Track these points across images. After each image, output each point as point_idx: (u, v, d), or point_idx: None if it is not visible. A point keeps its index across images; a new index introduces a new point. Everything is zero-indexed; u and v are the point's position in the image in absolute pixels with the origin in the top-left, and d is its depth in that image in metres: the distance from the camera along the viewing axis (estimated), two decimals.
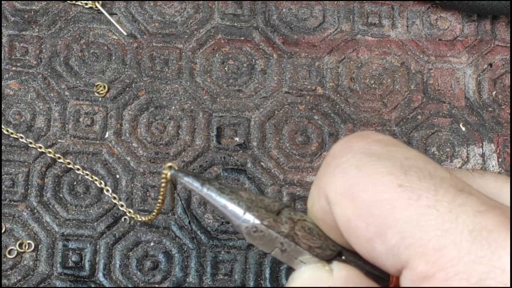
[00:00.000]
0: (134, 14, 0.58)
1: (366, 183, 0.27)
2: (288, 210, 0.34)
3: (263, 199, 0.34)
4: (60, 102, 0.55)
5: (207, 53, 0.57)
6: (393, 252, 0.26)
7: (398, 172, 0.26)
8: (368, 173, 0.27)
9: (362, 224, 0.27)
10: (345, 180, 0.27)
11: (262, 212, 0.33)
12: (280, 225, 0.33)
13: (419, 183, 0.26)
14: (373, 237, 0.26)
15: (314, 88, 0.57)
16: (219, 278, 0.51)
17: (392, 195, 0.26)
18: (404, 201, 0.25)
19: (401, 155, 0.27)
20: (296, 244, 0.32)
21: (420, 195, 0.25)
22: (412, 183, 0.26)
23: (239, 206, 0.34)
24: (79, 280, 0.51)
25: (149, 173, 0.54)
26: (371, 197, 0.26)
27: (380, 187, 0.26)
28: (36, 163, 0.53)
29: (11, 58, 0.56)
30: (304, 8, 0.59)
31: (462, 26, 0.59)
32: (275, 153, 0.54)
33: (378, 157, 0.27)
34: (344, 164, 0.28)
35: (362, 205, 0.27)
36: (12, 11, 0.57)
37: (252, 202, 0.34)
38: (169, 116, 0.55)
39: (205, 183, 0.35)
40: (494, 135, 0.56)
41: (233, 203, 0.34)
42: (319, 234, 0.32)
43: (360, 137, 0.29)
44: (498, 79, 0.57)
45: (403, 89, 0.57)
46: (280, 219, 0.33)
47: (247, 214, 0.33)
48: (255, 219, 0.33)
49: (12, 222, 0.52)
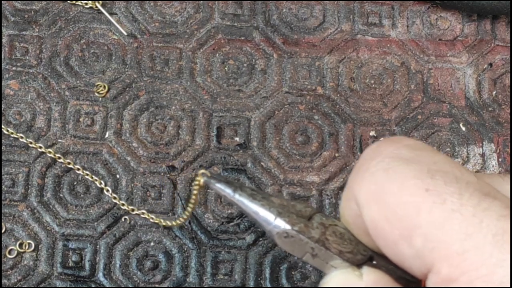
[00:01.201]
0: (134, 14, 0.58)
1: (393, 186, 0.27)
2: (320, 215, 0.34)
3: (295, 204, 0.35)
4: (60, 102, 0.55)
5: (207, 53, 0.57)
6: (418, 255, 0.26)
7: (424, 176, 0.27)
8: (395, 176, 0.27)
9: (388, 226, 0.27)
10: (373, 184, 0.28)
11: (293, 217, 0.34)
12: (311, 230, 0.33)
13: (445, 187, 0.26)
14: (399, 240, 0.27)
15: (314, 88, 0.57)
16: (219, 278, 0.51)
17: (418, 199, 0.26)
18: (429, 204, 0.26)
19: (428, 159, 0.28)
20: (326, 249, 0.32)
21: (445, 199, 0.26)
22: (438, 187, 0.26)
23: (270, 212, 0.34)
24: (79, 280, 0.51)
25: (149, 173, 0.54)
26: (398, 200, 0.27)
27: (406, 190, 0.27)
28: (36, 163, 0.53)
29: (11, 58, 0.56)
30: (304, 8, 0.59)
31: (462, 26, 0.59)
32: (275, 153, 0.54)
33: (406, 161, 0.28)
34: (373, 168, 0.29)
35: (389, 208, 0.27)
36: (12, 11, 0.57)
37: (284, 208, 0.34)
38: (169, 116, 0.55)
39: (236, 189, 0.36)
40: (494, 135, 0.56)
41: (265, 209, 0.34)
42: (351, 239, 0.33)
43: (390, 142, 0.30)
44: (498, 79, 0.57)
45: (403, 89, 0.57)
46: (311, 224, 0.33)
47: (278, 220, 0.34)
48: (286, 224, 0.33)
49: (12, 222, 0.52)
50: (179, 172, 0.54)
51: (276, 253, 0.52)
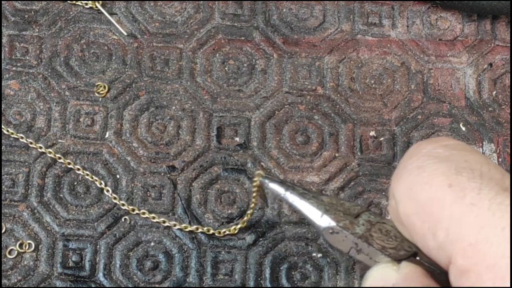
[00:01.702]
0: (134, 14, 0.58)
1: (423, 183, 0.29)
2: (368, 213, 0.37)
3: (344, 203, 0.38)
4: (61, 102, 0.55)
5: (208, 53, 0.57)
6: (441, 248, 0.28)
7: (451, 173, 0.28)
8: (426, 174, 0.29)
9: (418, 221, 0.29)
10: (408, 181, 0.30)
11: (340, 214, 0.37)
12: (356, 226, 0.36)
13: (467, 183, 0.28)
14: (426, 233, 0.29)
15: (315, 88, 0.57)
16: (219, 278, 0.51)
17: (442, 194, 0.28)
18: (451, 199, 0.28)
19: (460, 158, 0.30)
20: (369, 245, 0.35)
21: (465, 194, 0.27)
22: (462, 183, 0.28)
23: (318, 209, 0.37)
24: (79, 280, 0.51)
25: (149, 173, 0.54)
26: (426, 196, 0.29)
27: (434, 186, 0.29)
28: (36, 163, 0.53)
29: (11, 58, 0.56)
30: (305, 8, 0.59)
31: (462, 26, 0.59)
32: (275, 153, 0.54)
33: (439, 159, 0.30)
34: (409, 166, 0.31)
35: (419, 203, 0.29)
36: (12, 11, 0.57)
37: (332, 206, 0.37)
38: (169, 116, 0.55)
39: (288, 188, 0.40)
40: (494, 135, 0.56)
41: (313, 206, 0.37)
42: (396, 236, 0.34)
43: (430, 142, 0.32)
44: (498, 79, 0.57)
45: (403, 89, 0.57)
46: (357, 222, 0.36)
47: (324, 216, 0.37)
48: (332, 221, 0.36)
49: (12, 222, 0.52)
50: (180, 172, 0.54)
51: (276, 253, 0.52)
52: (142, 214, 0.52)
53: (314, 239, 0.52)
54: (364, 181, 0.54)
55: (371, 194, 0.53)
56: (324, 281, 0.51)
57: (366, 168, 0.54)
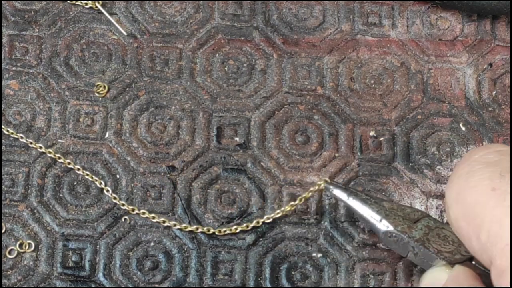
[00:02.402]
0: (134, 14, 0.58)
1: (470, 187, 0.30)
2: (428, 219, 0.39)
3: (404, 208, 0.40)
4: (60, 102, 0.55)
5: (207, 53, 0.57)
6: (484, 250, 0.29)
7: (495, 177, 0.29)
8: (473, 178, 0.30)
9: (465, 224, 0.30)
10: (457, 185, 0.31)
11: (399, 219, 0.39)
12: (414, 231, 0.37)
13: (508, 186, 0.29)
14: (472, 236, 0.30)
15: (314, 88, 0.57)
16: (219, 278, 0.51)
17: (486, 198, 0.29)
18: (494, 202, 0.29)
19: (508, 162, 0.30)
20: (425, 248, 0.36)
21: (506, 197, 0.28)
22: (504, 186, 0.29)
23: (378, 214, 0.40)
24: (79, 280, 0.51)
25: (149, 173, 0.54)
26: (472, 200, 0.30)
27: (479, 190, 0.30)
28: (36, 163, 0.53)
29: (11, 58, 0.56)
30: (304, 8, 0.59)
31: (462, 26, 0.59)
32: (275, 153, 0.54)
33: (488, 164, 0.31)
34: (460, 171, 0.32)
35: (467, 207, 0.30)
36: (12, 11, 0.58)
37: (392, 211, 0.40)
38: (169, 116, 0.55)
39: (351, 194, 0.43)
40: (494, 135, 0.56)
41: (373, 211, 0.40)
42: (454, 241, 0.36)
43: (483, 148, 0.33)
44: (498, 79, 0.57)
45: (403, 89, 0.57)
46: (415, 226, 0.38)
47: (383, 221, 0.39)
48: (390, 225, 0.38)
49: (12, 222, 0.52)
50: (179, 172, 0.54)
51: (276, 253, 0.52)
52: (142, 214, 0.52)
53: (314, 239, 0.52)
54: (364, 181, 0.54)
55: (371, 194, 0.53)
56: (324, 281, 0.51)
57: (366, 168, 0.54)
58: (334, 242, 0.52)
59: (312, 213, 0.52)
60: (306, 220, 0.52)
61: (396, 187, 0.53)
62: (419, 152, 0.55)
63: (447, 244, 0.37)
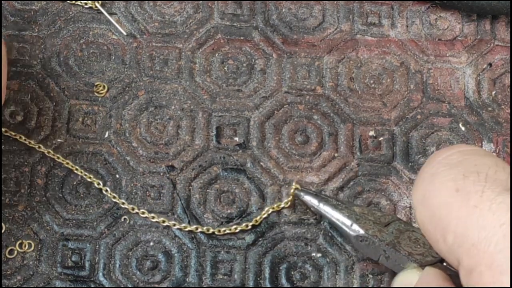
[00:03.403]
0: (133, 14, 0.58)
1: (434, 190, 0.30)
2: (399, 222, 0.39)
3: (375, 212, 0.41)
4: (60, 102, 0.55)
5: (207, 53, 0.57)
6: (452, 251, 0.29)
7: (459, 178, 0.29)
8: (437, 180, 0.30)
9: (431, 226, 0.30)
10: (422, 188, 0.31)
11: (369, 223, 0.39)
12: (384, 234, 0.38)
13: (472, 186, 0.29)
14: (439, 238, 0.30)
15: (314, 88, 0.57)
16: (218, 278, 0.52)
17: (450, 199, 0.29)
18: (458, 203, 0.29)
19: (470, 162, 0.30)
20: (396, 251, 0.37)
21: (470, 197, 0.28)
22: (467, 187, 0.29)
23: (348, 219, 0.40)
24: (79, 280, 0.51)
25: (148, 173, 0.54)
26: (437, 202, 0.30)
27: (443, 192, 0.30)
28: (36, 163, 0.53)
29: (10, 58, 0.56)
30: (304, 8, 0.59)
31: (461, 26, 0.59)
32: (274, 153, 0.54)
33: (451, 165, 0.30)
34: (424, 174, 0.32)
35: (432, 210, 0.30)
36: (12, 11, 0.58)
37: (363, 215, 0.40)
38: (168, 116, 0.55)
39: (321, 200, 0.44)
40: (493, 134, 0.56)
41: (344, 216, 0.41)
42: (424, 243, 0.36)
43: (446, 149, 0.33)
44: (497, 79, 0.57)
45: (402, 88, 0.57)
46: (386, 230, 0.38)
47: (354, 225, 0.40)
48: (360, 229, 0.39)
49: (12, 222, 0.52)
50: (179, 172, 0.54)
51: (275, 253, 0.52)
52: (142, 214, 0.52)
53: (313, 239, 0.52)
54: (364, 181, 0.54)
55: (370, 194, 0.53)
56: (324, 281, 0.51)
57: (365, 168, 0.54)
58: (333, 242, 0.52)
59: (312, 213, 0.52)
60: (305, 220, 0.52)
61: (395, 187, 0.54)
62: (418, 152, 0.55)
63: (418, 246, 0.37)
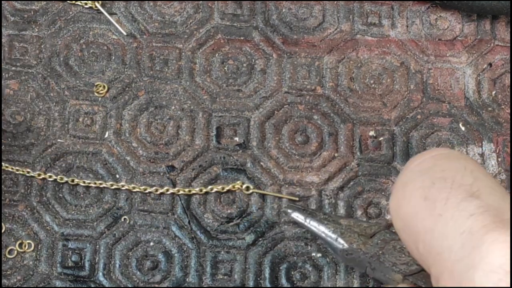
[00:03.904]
0: (133, 14, 0.58)
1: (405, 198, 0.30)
2: (384, 232, 0.39)
3: (361, 224, 0.41)
4: (60, 102, 0.55)
5: (207, 53, 0.57)
6: (423, 260, 0.29)
7: (427, 185, 0.29)
8: (408, 189, 0.30)
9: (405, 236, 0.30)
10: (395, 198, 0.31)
11: (354, 236, 0.40)
12: (369, 246, 0.38)
13: (438, 194, 0.28)
14: (412, 247, 0.30)
15: (314, 88, 0.57)
16: (218, 278, 0.51)
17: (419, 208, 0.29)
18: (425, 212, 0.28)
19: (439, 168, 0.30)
20: (380, 263, 0.37)
21: (436, 205, 0.28)
22: (434, 194, 0.28)
23: (333, 233, 0.40)
24: (79, 280, 0.51)
25: (148, 173, 0.54)
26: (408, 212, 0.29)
27: (413, 201, 0.29)
28: (36, 163, 0.53)
29: (10, 58, 0.56)
30: (304, 8, 0.59)
31: (461, 26, 0.59)
32: (274, 153, 0.54)
33: (421, 172, 0.30)
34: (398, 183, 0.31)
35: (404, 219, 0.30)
36: (12, 11, 0.58)
37: (348, 228, 0.40)
38: (168, 116, 0.55)
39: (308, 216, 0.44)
40: (493, 134, 0.56)
41: (330, 231, 0.41)
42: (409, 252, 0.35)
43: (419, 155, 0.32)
44: (497, 79, 0.57)
45: (402, 88, 0.57)
46: (371, 241, 0.39)
47: (339, 239, 0.40)
48: (345, 243, 0.39)
49: (12, 222, 0.52)
50: (179, 172, 0.54)
51: (275, 253, 0.52)
52: (144, 190, 0.52)
53: (313, 239, 0.52)
54: (364, 181, 0.54)
55: (370, 194, 0.53)
56: (324, 281, 0.51)
57: (365, 168, 0.54)
58: None
59: None
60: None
61: None
62: (418, 152, 0.55)
63: (402, 256, 0.37)
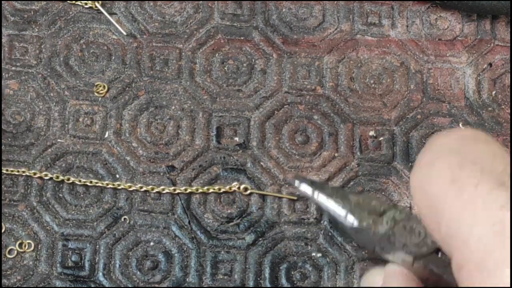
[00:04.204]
0: (134, 14, 0.58)
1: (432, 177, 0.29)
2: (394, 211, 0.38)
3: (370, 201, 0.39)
4: (60, 102, 0.55)
5: (207, 53, 0.57)
6: (445, 243, 0.28)
7: (455, 167, 0.28)
8: (435, 168, 0.29)
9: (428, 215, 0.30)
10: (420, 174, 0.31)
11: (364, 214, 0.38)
12: (379, 225, 0.37)
13: (467, 178, 0.28)
14: (434, 228, 0.29)
15: (314, 88, 0.57)
16: (218, 278, 0.51)
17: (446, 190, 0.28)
18: (452, 195, 0.28)
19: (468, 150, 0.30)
20: (390, 243, 0.36)
21: (464, 190, 0.27)
22: (462, 178, 0.28)
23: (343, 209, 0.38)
24: (79, 280, 0.51)
25: (149, 173, 0.54)
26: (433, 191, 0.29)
27: (439, 182, 0.29)
28: (36, 163, 0.53)
29: (11, 58, 0.56)
30: (304, 8, 0.59)
31: (462, 25, 0.59)
32: (274, 153, 0.54)
33: (450, 153, 0.30)
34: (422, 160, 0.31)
35: (428, 198, 0.29)
36: (12, 11, 0.57)
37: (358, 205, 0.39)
38: (169, 116, 0.55)
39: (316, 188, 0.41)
40: (493, 135, 0.56)
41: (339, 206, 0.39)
42: (420, 233, 0.35)
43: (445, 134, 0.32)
44: (497, 79, 0.57)
45: (402, 88, 0.57)
46: (381, 220, 0.37)
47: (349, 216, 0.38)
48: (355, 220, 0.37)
49: (12, 222, 0.52)
50: (179, 172, 0.54)
51: (275, 253, 0.52)
52: (140, 188, 0.52)
53: (313, 238, 0.52)
54: (364, 181, 0.54)
55: (370, 193, 0.53)
56: (324, 280, 0.51)
57: (365, 167, 0.54)
58: (333, 242, 0.52)
59: (312, 213, 0.52)
60: (305, 220, 0.52)
61: (395, 186, 0.53)
62: (418, 152, 0.55)
63: (413, 236, 0.37)
